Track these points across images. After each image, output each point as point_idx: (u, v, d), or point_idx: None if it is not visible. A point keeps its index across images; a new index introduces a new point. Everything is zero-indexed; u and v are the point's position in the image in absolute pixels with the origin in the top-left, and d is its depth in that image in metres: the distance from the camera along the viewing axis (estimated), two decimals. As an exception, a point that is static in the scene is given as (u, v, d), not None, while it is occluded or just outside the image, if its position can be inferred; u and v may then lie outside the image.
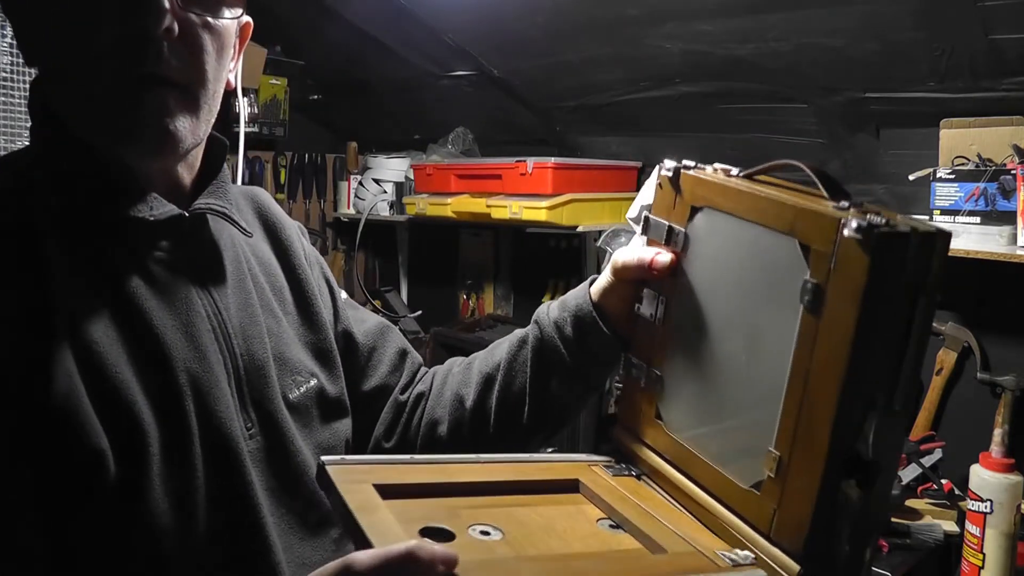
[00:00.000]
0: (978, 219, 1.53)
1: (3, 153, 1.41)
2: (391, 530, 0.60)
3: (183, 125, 0.75)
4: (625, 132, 2.18)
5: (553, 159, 2.04)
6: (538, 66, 2.06)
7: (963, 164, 1.57)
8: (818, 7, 1.50)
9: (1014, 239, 1.47)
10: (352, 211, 2.68)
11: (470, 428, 0.95)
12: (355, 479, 0.66)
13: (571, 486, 0.77)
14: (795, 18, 1.54)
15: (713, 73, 1.79)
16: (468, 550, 0.59)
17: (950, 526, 1.44)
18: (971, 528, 1.32)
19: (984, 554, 1.30)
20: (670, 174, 0.83)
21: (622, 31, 1.78)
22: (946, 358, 1.74)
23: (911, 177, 1.63)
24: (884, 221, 0.59)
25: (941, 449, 1.66)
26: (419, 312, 2.58)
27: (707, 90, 1.85)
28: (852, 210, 0.61)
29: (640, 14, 1.69)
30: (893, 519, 1.43)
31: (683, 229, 0.79)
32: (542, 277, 2.44)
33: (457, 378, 0.99)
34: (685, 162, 0.82)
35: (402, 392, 1.01)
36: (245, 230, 0.86)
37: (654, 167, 0.89)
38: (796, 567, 0.62)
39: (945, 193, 1.57)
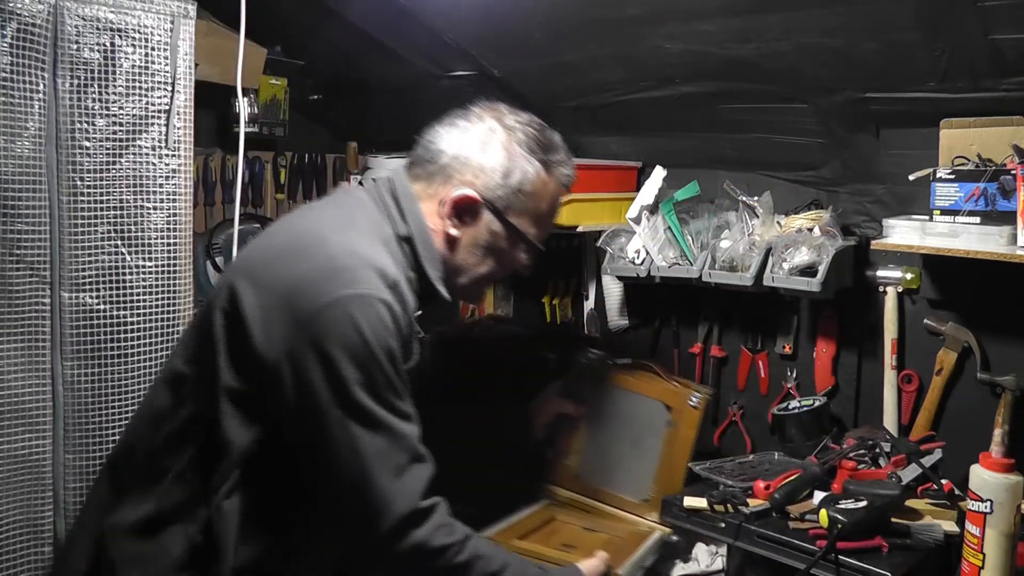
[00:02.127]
0: (978, 219, 1.53)
1: (3, 151, 1.41)
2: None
3: None
4: (625, 132, 2.18)
5: (553, 159, 2.03)
6: (538, 66, 2.06)
7: (963, 164, 1.57)
8: (818, 7, 1.50)
9: (1014, 239, 1.47)
10: (352, 211, 2.68)
11: None
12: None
13: (551, 519, 1.78)
14: (795, 18, 1.55)
15: (713, 73, 1.79)
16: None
17: (950, 526, 1.43)
18: (971, 528, 1.32)
19: (984, 554, 1.30)
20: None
21: (622, 31, 1.78)
22: (946, 358, 1.74)
23: (911, 177, 1.63)
24: (702, 395, 1.76)
25: (941, 449, 1.66)
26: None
27: (707, 90, 1.85)
28: (681, 385, 1.80)
29: (640, 14, 1.69)
30: (893, 519, 1.43)
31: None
32: (542, 277, 2.43)
33: None
34: None
35: None
36: None
37: (654, 167, 0.91)
38: (668, 529, 1.67)
39: (945, 193, 1.56)
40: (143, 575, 1.18)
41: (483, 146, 1.30)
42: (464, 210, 1.30)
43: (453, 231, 1.31)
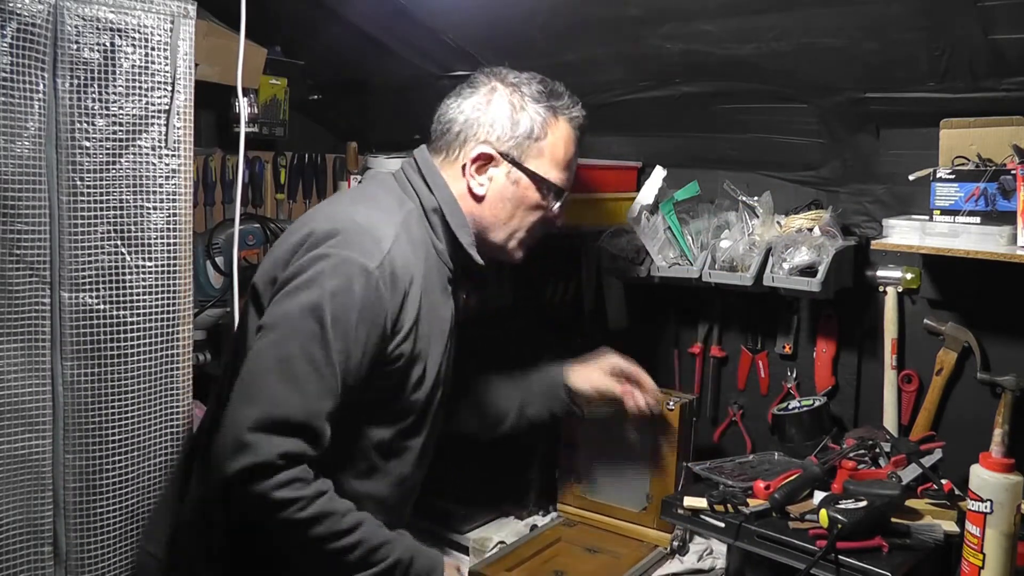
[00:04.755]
0: (978, 219, 1.53)
1: (3, 151, 1.41)
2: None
3: None
4: (625, 132, 2.18)
5: (553, 159, 2.03)
6: (538, 66, 2.05)
7: (963, 164, 1.57)
8: (818, 7, 1.50)
9: (1014, 239, 1.47)
10: (352, 211, 2.68)
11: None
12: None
13: (557, 539, 1.87)
14: (795, 18, 1.54)
15: (713, 73, 1.79)
16: None
17: (950, 526, 1.44)
18: (971, 528, 1.32)
19: (984, 554, 1.30)
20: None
21: (622, 31, 1.78)
22: (946, 358, 1.74)
23: (911, 177, 1.63)
24: (679, 399, 1.84)
25: (941, 449, 1.66)
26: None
27: (707, 90, 1.85)
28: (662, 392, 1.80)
29: (640, 14, 1.69)
30: (893, 519, 1.43)
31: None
32: (542, 277, 2.43)
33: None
34: None
35: None
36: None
37: (654, 167, 0.92)
38: (668, 536, 1.81)
39: (945, 193, 1.57)
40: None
41: (488, 104, 1.40)
42: (484, 166, 1.39)
43: (479, 189, 1.39)
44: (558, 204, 1.47)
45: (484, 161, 1.39)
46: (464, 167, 1.40)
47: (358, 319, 1.20)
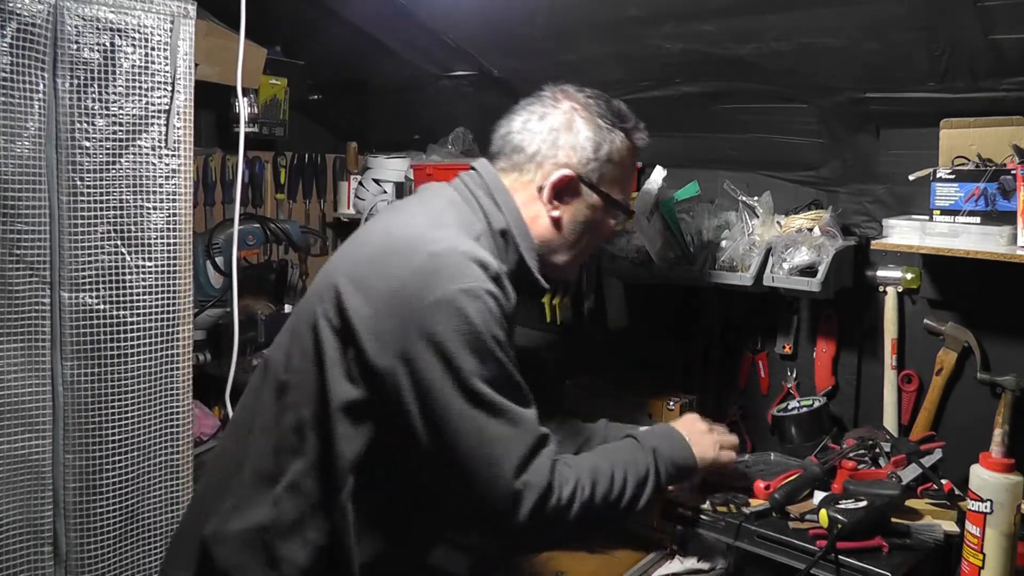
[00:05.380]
0: (978, 219, 1.53)
1: (3, 151, 1.41)
2: None
3: None
4: (625, 132, 2.18)
5: (553, 159, 2.03)
6: (538, 66, 2.06)
7: (963, 164, 1.57)
8: (818, 7, 1.50)
9: (1014, 239, 1.47)
10: (352, 211, 2.68)
11: None
12: None
13: None
14: (795, 18, 1.55)
15: (713, 73, 1.79)
16: None
17: (950, 526, 1.43)
18: (971, 528, 1.32)
19: (984, 554, 1.30)
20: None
21: (622, 31, 1.78)
22: (946, 358, 1.74)
23: (911, 177, 1.63)
24: (679, 399, 1.91)
25: (941, 449, 1.66)
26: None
27: (707, 90, 1.85)
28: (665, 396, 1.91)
29: (640, 14, 1.69)
30: (893, 519, 1.43)
31: None
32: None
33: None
34: None
35: None
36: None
37: (654, 167, 0.92)
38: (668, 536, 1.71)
39: (945, 193, 1.56)
40: None
41: (569, 125, 1.36)
42: (564, 190, 1.35)
43: (555, 212, 1.36)
44: (617, 223, 1.46)
45: (565, 184, 1.34)
46: (540, 190, 1.35)
47: (504, 331, 1.20)
